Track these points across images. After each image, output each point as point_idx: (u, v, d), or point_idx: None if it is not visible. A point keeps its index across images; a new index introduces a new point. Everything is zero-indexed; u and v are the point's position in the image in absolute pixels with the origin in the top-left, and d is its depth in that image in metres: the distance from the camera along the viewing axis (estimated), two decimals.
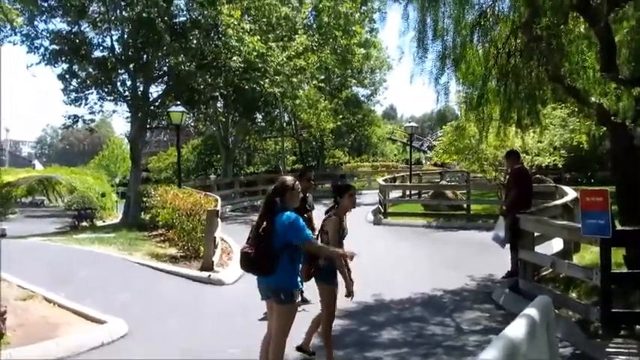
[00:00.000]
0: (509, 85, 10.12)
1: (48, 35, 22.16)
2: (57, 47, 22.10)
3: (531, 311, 1.73)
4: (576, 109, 14.93)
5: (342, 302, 8.78)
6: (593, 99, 8.47)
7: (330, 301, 6.04)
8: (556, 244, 10.61)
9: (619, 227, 7.30)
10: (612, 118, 8.09)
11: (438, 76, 10.01)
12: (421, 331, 7.46)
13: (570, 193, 12.01)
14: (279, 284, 5.10)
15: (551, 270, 8.88)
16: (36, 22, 21.90)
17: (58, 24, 22.59)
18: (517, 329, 1.59)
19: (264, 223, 5.15)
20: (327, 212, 6.29)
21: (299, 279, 5.28)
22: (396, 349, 6.71)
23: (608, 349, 5.99)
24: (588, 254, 9.84)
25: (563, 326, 6.86)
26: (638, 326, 6.39)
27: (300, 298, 5.41)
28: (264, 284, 5.23)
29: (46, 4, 21.00)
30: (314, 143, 42.02)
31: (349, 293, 5.94)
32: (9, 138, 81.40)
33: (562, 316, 7.21)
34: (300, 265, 5.32)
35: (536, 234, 8.77)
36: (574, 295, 7.87)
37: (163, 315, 8.43)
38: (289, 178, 5.48)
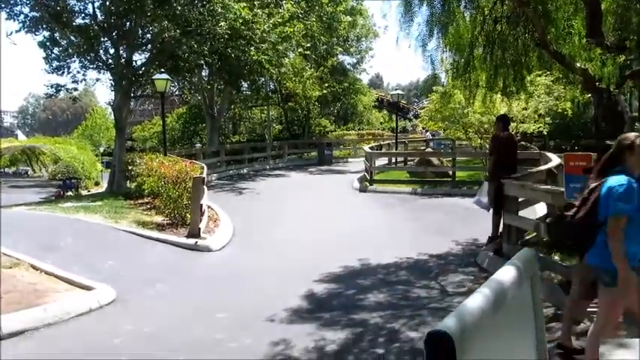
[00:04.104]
0: (495, 52, 10.16)
1: (27, 2, 21.65)
2: (37, 14, 21.63)
3: (517, 261, 1.77)
4: (561, 76, 15.00)
5: (325, 268, 8.93)
6: (578, 65, 8.51)
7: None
8: (540, 210, 10.74)
9: None
10: (597, 84, 8.14)
11: (425, 42, 10.02)
12: (406, 294, 7.56)
13: (554, 160, 12.11)
14: (597, 263, 4.34)
15: (534, 234, 9.02)
16: None
17: None
18: (505, 275, 1.64)
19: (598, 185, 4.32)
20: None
21: None
22: (382, 311, 6.81)
23: (589, 309, 6.10)
24: None
25: (545, 288, 6.98)
26: None
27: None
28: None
29: None
30: (300, 112, 41.85)
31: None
32: None
33: (544, 279, 7.34)
34: None
35: (520, 199, 8.86)
36: (556, 257, 7.99)
37: (151, 281, 8.46)
38: (631, 135, 4.40)
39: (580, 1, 8.61)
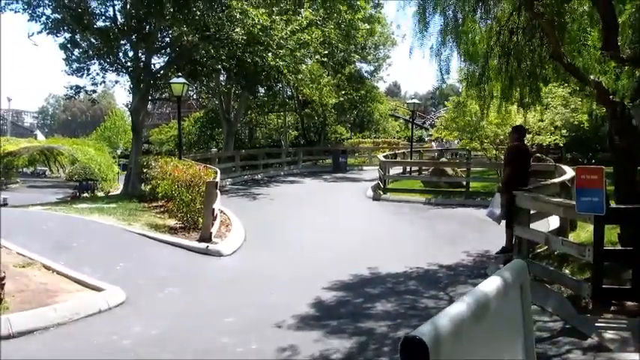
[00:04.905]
0: (511, 63, 10.11)
1: (49, 3, 21.93)
2: (59, 16, 21.92)
3: (504, 272, 1.78)
4: (578, 88, 14.91)
5: (335, 275, 8.93)
6: (592, 77, 8.46)
7: None
8: (553, 223, 10.68)
9: (614, 205, 7.37)
10: (611, 97, 8.08)
11: (439, 51, 10.01)
12: (414, 304, 7.55)
13: (569, 172, 12.03)
14: None
15: (546, 247, 8.96)
16: None
17: None
18: (490, 284, 1.65)
19: None
20: None
21: None
22: (389, 320, 6.81)
23: (597, 324, 6.07)
24: (584, 233, 9.89)
25: (554, 301, 6.97)
26: (628, 302, 6.46)
27: None
28: None
29: None
30: (316, 118, 41.91)
31: None
32: (11, 108, 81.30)
33: (554, 292, 7.31)
34: None
35: (532, 211, 8.81)
36: (567, 271, 7.95)
37: (161, 284, 8.53)
38: None
39: (596, 14, 8.57)
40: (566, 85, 16.23)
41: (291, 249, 11.35)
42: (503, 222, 9.78)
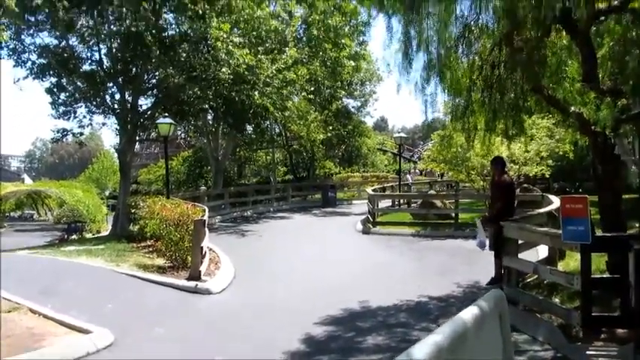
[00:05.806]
0: (493, 96, 10.24)
1: (35, 49, 22.02)
2: (44, 61, 22.00)
3: (482, 302, 1.80)
4: (561, 120, 15.11)
5: (325, 310, 8.88)
6: (573, 108, 8.60)
7: None
8: (542, 252, 10.71)
9: (599, 234, 7.43)
10: (592, 127, 8.21)
11: (424, 86, 10.15)
12: (405, 337, 7.50)
13: (555, 202, 12.13)
14: None
15: (535, 277, 8.99)
16: (23, 37, 21.71)
17: (46, 38, 22.52)
18: (466, 316, 1.66)
19: None
20: None
21: None
22: (380, 354, 6.77)
23: (588, 352, 6.07)
24: (573, 261, 9.91)
25: (544, 330, 6.97)
26: (617, 329, 6.47)
27: None
28: None
29: (33, 19, 20.85)
30: (305, 154, 42.09)
31: None
32: None
33: (544, 321, 7.30)
34: None
35: (521, 241, 8.85)
36: (557, 300, 7.96)
37: (149, 324, 8.44)
38: None
39: (574, 47, 8.76)
40: (550, 116, 16.45)
41: (281, 285, 11.27)
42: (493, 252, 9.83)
